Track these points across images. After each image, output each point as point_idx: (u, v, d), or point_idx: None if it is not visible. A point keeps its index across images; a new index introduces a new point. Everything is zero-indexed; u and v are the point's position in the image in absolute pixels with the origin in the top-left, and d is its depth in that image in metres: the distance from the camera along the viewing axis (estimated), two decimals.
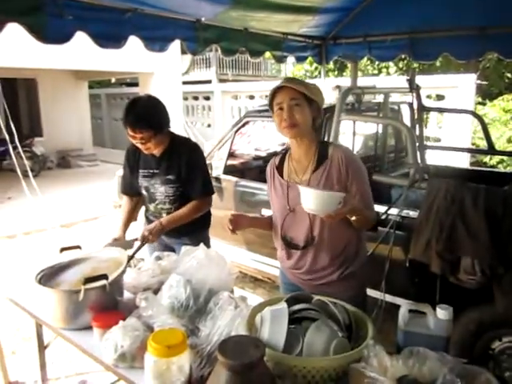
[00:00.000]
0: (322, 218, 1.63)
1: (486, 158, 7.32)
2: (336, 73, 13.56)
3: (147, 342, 1.30)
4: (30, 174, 6.15)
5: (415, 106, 3.76)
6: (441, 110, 5.44)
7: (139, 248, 2.02)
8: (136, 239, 2.18)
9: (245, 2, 3.12)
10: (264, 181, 3.59)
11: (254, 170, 4.37)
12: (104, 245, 2.15)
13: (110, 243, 2.19)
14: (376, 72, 13.01)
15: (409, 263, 2.39)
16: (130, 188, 2.54)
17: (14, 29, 2.27)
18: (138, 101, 2.24)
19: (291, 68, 19.65)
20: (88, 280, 1.67)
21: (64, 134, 12.02)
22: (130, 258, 1.92)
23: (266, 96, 1.92)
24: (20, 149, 6.34)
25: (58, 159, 11.95)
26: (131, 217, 2.53)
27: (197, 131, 10.79)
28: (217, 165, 3.69)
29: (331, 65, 12.35)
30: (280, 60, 4.21)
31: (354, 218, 1.70)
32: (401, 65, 13.16)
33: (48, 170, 10.90)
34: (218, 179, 3.63)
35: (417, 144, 2.58)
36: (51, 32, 2.41)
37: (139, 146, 2.25)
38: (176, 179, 2.33)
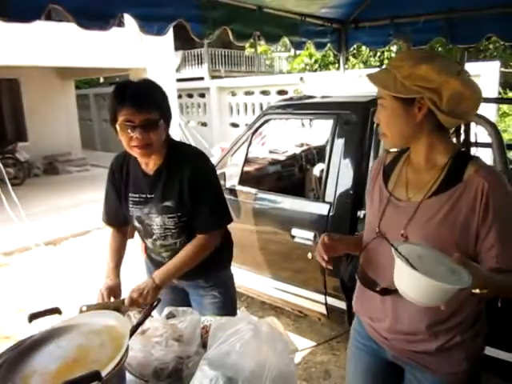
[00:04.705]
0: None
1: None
2: (337, 66, 12.96)
3: None
4: (8, 183, 5.45)
5: None
6: (501, 102, 4.64)
7: (146, 316, 1.36)
8: (123, 301, 1.56)
9: None
10: (290, 192, 3.04)
11: (276, 178, 3.72)
12: (81, 307, 1.48)
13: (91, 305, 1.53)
14: (378, 64, 12.40)
15: (501, 303, 1.86)
16: (115, 217, 1.83)
17: None
18: (134, 81, 1.60)
19: (285, 64, 19.07)
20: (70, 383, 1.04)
21: (50, 138, 11.24)
22: (134, 330, 1.28)
23: (264, 92, 1.28)
24: None
25: (45, 165, 11.18)
26: (123, 254, 1.85)
27: (194, 131, 10.07)
28: (231, 173, 3.03)
29: (332, 57, 11.75)
30: (298, 46, 3.62)
31: (477, 290, 1.04)
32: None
33: (34, 178, 10.20)
34: (233, 191, 2.98)
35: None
36: (15, 6, 1.79)
37: (134, 143, 1.53)
38: (177, 206, 1.66)
